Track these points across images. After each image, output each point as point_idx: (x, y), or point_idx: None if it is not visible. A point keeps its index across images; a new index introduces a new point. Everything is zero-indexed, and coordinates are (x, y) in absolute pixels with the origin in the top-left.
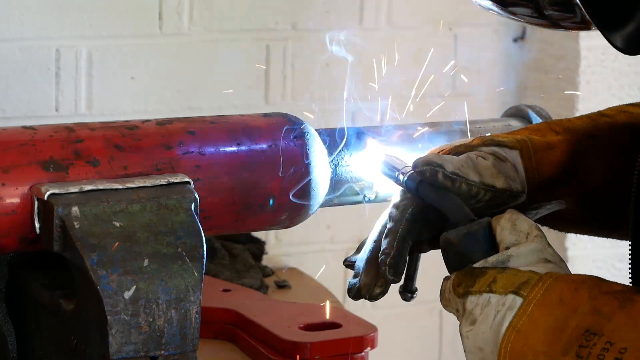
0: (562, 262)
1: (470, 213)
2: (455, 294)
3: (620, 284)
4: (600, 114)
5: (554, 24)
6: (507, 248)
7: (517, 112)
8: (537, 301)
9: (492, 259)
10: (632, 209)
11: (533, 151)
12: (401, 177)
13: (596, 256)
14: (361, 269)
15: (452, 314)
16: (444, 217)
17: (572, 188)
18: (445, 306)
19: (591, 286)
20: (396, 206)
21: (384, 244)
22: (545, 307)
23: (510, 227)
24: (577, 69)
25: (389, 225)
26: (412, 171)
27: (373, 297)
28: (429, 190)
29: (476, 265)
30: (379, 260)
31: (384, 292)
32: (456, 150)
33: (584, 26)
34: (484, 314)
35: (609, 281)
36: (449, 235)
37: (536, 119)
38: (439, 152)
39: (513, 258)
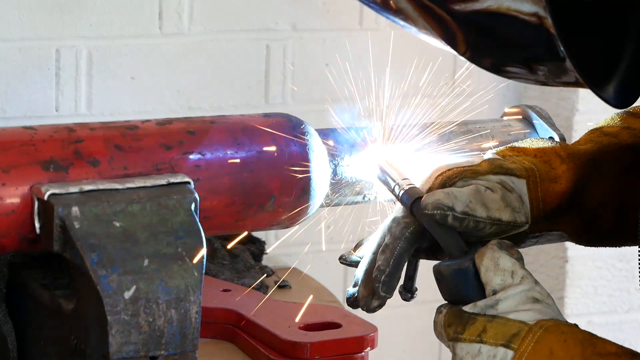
0: (549, 297)
1: (462, 244)
2: (445, 334)
3: (612, 343)
4: (603, 132)
5: (544, 83)
6: (495, 291)
7: (517, 112)
8: (528, 355)
9: (481, 304)
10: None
11: (540, 181)
12: (397, 189)
13: (596, 256)
14: (360, 279)
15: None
16: None
17: (574, 213)
18: (438, 337)
19: (583, 342)
20: (397, 221)
21: (379, 260)
22: None
23: (494, 267)
24: None
25: (386, 240)
26: (410, 186)
27: (370, 310)
28: (423, 215)
29: (466, 309)
30: (373, 276)
31: (381, 305)
32: (463, 176)
33: (574, 84)
34: None
35: (600, 338)
36: (441, 268)
37: (536, 119)
38: (444, 173)
39: (502, 302)
